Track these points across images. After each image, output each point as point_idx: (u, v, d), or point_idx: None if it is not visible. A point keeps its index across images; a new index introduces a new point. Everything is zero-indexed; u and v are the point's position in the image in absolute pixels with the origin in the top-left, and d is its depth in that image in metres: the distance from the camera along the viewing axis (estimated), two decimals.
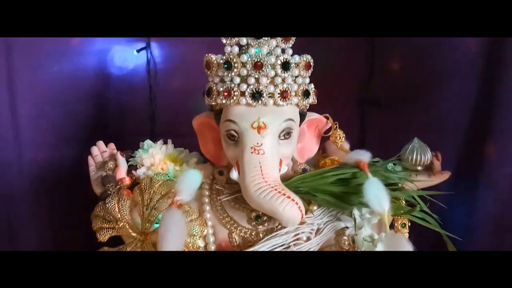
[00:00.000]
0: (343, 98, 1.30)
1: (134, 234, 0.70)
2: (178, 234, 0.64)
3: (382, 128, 1.30)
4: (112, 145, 0.85)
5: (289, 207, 0.66)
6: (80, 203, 1.22)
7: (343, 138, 0.80)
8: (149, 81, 1.27)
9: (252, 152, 0.69)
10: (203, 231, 0.72)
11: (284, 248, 0.71)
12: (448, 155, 1.18)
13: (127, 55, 1.28)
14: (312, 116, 0.80)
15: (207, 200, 0.78)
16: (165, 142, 0.86)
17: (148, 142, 0.84)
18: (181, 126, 0.94)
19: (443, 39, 1.15)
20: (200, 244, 0.72)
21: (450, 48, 1.16)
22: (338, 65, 1.27)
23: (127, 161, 0.83)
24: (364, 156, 0.74)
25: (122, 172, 0.79)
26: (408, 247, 0.63)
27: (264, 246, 0.70)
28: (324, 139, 0.87)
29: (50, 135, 1.19)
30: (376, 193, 0.67)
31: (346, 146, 0.82)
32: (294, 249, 0.71)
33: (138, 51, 1.27)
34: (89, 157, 0.84)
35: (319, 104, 0.82)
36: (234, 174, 0.71)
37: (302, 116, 0.76)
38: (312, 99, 0.75)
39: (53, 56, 1.16)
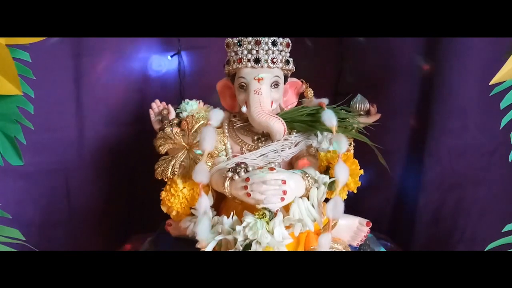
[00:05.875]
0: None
1: (183, 144, 1.10)
2: (211, 138, 1.04)
3: None
4: (164, 103, 1.25)
5: (277, 122, 1.06)
6: (128, 176, 1.57)
7: (312, 93, 1.18)
8: (180, 79, 1.57)
9: (254, 94, 1.07)
10: (224, 140, 1.14)
11: (274, 152, 1.11)
12: (401, 132, 1.53)
13: (162, 60, 1.57)
14: (292, 79, 1.15)
15: (226, 130, 1.18)
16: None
17: (186, 100, 1.24)
18: None
19: (392, 46, 1.48)
20: (222, 147, 1.13)
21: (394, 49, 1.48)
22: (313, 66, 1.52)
23: (174, 110, 1.24)
24: (323, 100, 1.14)
25: (173, 115, 1.20)
26: (345, 141, 1.02)
27: (263, 150, 1.10)
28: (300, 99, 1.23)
29: (105, 118, 1.49)
30: (328, 116, 1.06)
31: (314, 100, 1.19)
32: (281, 153, 1.11)
33: (171, 56, 1.56)
34: (150, 110, 1.23)
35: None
36: (244, 108, 1.11)
37: (286, 78, 1.13)
38: (291, 66, 1.14)
39: (111, 60, 1.48)
